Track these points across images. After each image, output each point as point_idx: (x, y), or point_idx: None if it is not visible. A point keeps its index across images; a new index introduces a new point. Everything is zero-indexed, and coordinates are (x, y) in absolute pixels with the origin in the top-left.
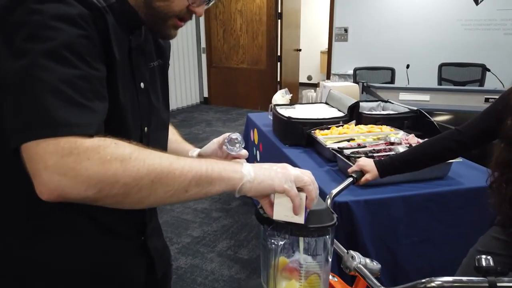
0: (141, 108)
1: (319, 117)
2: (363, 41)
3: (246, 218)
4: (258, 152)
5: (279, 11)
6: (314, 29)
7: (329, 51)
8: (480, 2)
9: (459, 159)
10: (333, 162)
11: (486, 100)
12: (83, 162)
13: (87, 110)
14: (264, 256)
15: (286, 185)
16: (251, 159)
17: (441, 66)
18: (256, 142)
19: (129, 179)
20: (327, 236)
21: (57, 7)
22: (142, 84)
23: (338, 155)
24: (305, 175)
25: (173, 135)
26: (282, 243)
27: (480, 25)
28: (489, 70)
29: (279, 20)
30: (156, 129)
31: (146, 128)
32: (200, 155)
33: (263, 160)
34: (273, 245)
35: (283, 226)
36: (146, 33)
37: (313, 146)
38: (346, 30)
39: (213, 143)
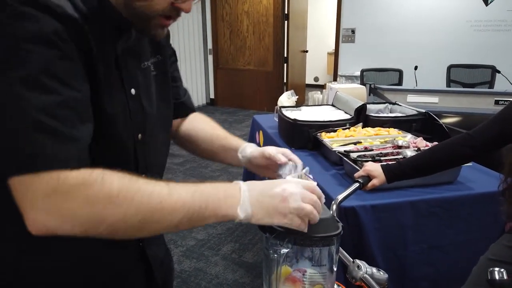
0: (133, 116)
1: (326, 120)
2: (371, 42)
3: None
4: None
5: (286, 12)
6: (321, 30)
7: (336, 52)
8: (490, 2)
9: (469, 164)
10: (340, 166)
11: (496, 102)
12: (67, 201)
13: (69, 141)
14: (266, 265)
15: (286, 219)
16: None
17: (450, 67)
18: (261, 144)
19: (115, 219)
20: (332, 246)
21: (30, 25)
22: (133, 91)
23: (345, 158)
24: (307, 198)
25: (215, 130)
26: (285, 251)
27: (490, 26)
28: (499, 72)
29: (286, 21)
30: (152, 134)
31: (140, 135)
32: (247, 157)
33: None
34: (276, 255)
35: (286, 235)
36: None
37: (319, 149)
38: (353, 31)
39: (263, 152)
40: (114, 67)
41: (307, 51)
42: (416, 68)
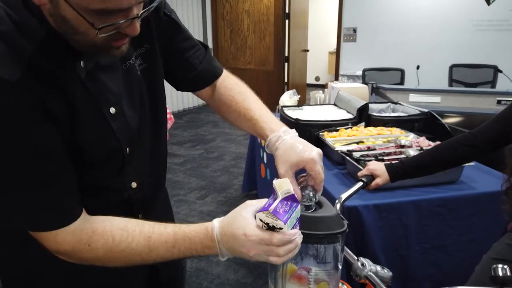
0: (119, 133)
1: (328, 119)
2: (372, 42)
3: None
4: (265, 154)
5: (287, 11)
6: (322, 30)
7: (338, 52)
8: (492, 2)
9: (471, 163)
10: (342, 165)
11: (499, 102)
12: (70, 259)
13: (56, 214)
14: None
15: (256, 252)
16: (258, 161)
17: (452, 67)
18: (263, 144)
19: (106, 264)
20: (337, 244)
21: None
22: (112, 109)
23: (347, 158)
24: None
25: (246, 104)
26: None
27: (492, 25)
28: (501, 72)
29: (286, 21)
30: (140, 147)
31: (128, 149)
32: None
33: (270, 162)
34: None
35: None
36: None
37: (322, 148)
38: (354, 30)
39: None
40: (84, 91)
41: (308, 51)
42: (418, 67)
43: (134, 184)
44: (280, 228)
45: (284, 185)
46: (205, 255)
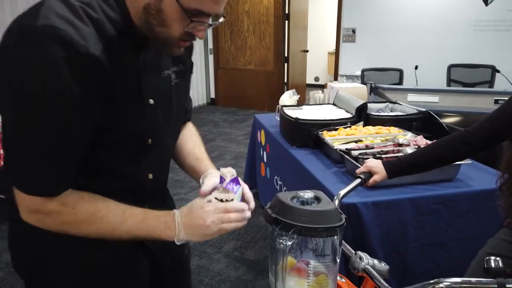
0: (148, 123)
1: (327, 118)
2: (371, 42)
3: (252, 219)
4: (265, 153)
5: (287, 12)
6: (321, 30)
7: (337, 52)
8: (490, 2)
9: (468, 161)
10: (341, 164)
11: (496, 101)
12: (47, 219)
13: (58, 174)
14: (272, 256)
15: (215, 235)
16: (258, 160)
17: (450, 67)
18: (263, 143)
19: (80, 234)
20: (335, 237)
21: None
22: (151, 101)
23: (346, 156)
24: (225, 219)
25: (193, 146)
26: (290, 243)
27: (490, 26)
28: (498, 71)
29: (286, 21)
30: (161, 141)
31: (150, 140)
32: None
33: (270, 161)
34: (281, 245)
35: (291, 226)
36: None
37: (321, 147)
38: (354, 31)
39: (215, 177)
40: (136, 80)
41: (307, 51)
42: (416, 67)
43: (150, 176)
44: (232, 199)
45: (230, 171)
46: (169, 239)
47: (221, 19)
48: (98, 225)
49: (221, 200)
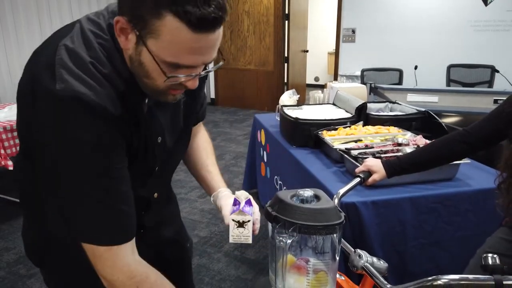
0: (157, 156)
1: (327, 118)
2: (371, 42)
3: None
4: (265, 153)
5: (287, 12)
6: (321, 30)
7: (337, 52)
8: (489, 3)
9: (467, 161)
10: (341, 163)
11: (495, 101)
12: (116, 274)
13: (125, 223)
14: (272, 254)
15: None
16: (258, 160)
17: (449, 67)
18: (263, 143)
19: None
20: (335, 235)
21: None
22: (159, 139)
23: (346, 155)
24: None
25: (206, 157)
26: (289, 241)
27: (489, 26)
28: (498, 71)
29: (286, 21)
30: (167, 165)
31: (157, 168)
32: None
33: (270, 161)
34: (281, 243)
35: (291, 224)
36: None
37: (321, 147)
38: (353, 31)
39: (227, 205)
40: (143, 124)
41: (307, 51)
42: (416, 67)
43: (156, 195)
44: (248, 221)
45: (243, 193)
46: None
47: (212, 66)
48: None
49: (238, 222)
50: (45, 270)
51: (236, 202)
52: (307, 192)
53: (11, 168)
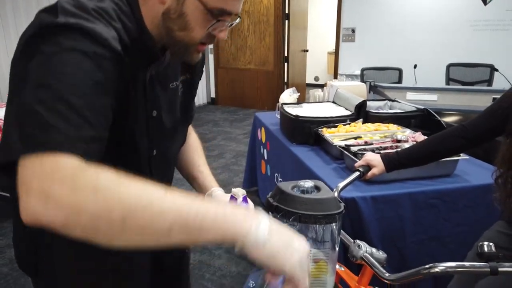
0: (151, 134)
1: (327, 116)
2: (371, 42)
3: None
4: (265, 150)
5: (287, 12)
6: (321, 30)
7: (337, 52)
8: (489, 2)
9: (465, 157)
10: (340, 160)
11: (494, 100)
12: (56, 186)
13: (82, 132)
14: None
15: (298, 272)
16: (258, 158)
17: (449, 66)
18: (263, 141)
19: (97, 210)
20: (334, 224)
21: (83, 44)
22: (154, 112)
23: (345, 152)
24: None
25: (197, 158)
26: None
27: (489, 25)
28: (497, 70)
29: (286, 21)
30: (166, 150)
31: (155, 151)
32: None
33: (271, 158)
34: None
35: (292, 213)
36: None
37: (321, 144)
38: (353, 31)
39: (222, 196)
40: (141, 91)
41: (307, 51)
42: (415, 66)
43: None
44: None
45: (240, 190)
46: (224, 235)
47: (238, 19)
48: (127, 193)
49: None
50: (40, 280)
51: (232, 199)
52: (308, 183)
53: None
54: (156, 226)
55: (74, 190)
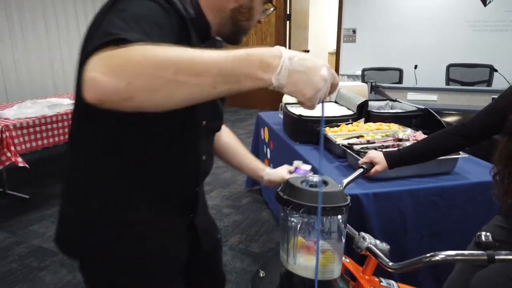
0: (205, 106)
1: (329, 115)
2: (372, 42)
3: (256, 215)
4: (268, 150)
5: (288, 12)
6: (322, 30)
7: (337, 52)
8: (488, 3)
9: (465, 155)
10: (343, 158)
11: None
12: (114, 59)
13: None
14: (284, 236)
15: (313, 100)
16: (261, 157)
17: (449, 67)
18: (266, 140)
19: (152, 71)
20: (341, 216)
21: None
22: None
23: (348, 150)
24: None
25: (239, 146)
26: (301, 220)
27: (488, 26)
28: (496, 71)
29: (287, 21)
30: (213, 122)
31: (204, 122)
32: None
33: (274, 158)
34: (293, 223)
35: (301, 206)
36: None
37: (324, 143)
38: (354, 31)
39: (283, 168)
40: None
41: (308, 51)
42: (416, 67)
43: (204, 157)
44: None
45: (299, 162)
46: (258, 81)
47: (272, 8)
48: (171, 52)
49: None
50: (85, 262)
51: (296, 170)
52: (316, 178)
53: (21, 164)
54: (203, 79)
55: (130, 59)
